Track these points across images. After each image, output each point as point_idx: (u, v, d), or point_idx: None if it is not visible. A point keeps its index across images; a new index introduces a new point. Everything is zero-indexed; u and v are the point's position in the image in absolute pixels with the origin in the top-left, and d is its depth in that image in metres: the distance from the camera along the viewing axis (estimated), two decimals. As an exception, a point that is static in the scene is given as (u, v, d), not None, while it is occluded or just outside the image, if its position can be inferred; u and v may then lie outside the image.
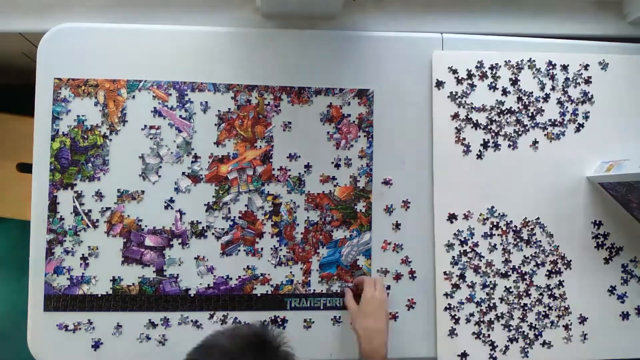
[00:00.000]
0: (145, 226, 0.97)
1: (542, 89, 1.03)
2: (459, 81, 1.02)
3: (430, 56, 1.02)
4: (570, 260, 1.02)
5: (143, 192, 0.98)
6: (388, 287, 1.01)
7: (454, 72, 1.02)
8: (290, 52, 1.01)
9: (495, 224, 1.02)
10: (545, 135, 1.03)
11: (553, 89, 1.03)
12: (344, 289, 0.99)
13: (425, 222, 1.02)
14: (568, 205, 1.03)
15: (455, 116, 1.02)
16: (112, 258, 0.97)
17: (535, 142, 1.03)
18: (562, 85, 1.03)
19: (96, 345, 0.96)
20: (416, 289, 1.02)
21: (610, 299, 1.03)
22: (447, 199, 1.01)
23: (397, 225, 1.01)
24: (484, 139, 1.02)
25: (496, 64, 1.02)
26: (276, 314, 0.99)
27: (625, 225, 1.03)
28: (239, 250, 0.99)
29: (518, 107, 1.03)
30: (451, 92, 1.02)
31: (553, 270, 1.02)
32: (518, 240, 1.02)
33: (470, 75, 1.02)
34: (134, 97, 0.98)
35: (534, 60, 1.03)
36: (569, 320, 1.02)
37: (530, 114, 1.03)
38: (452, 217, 1.01)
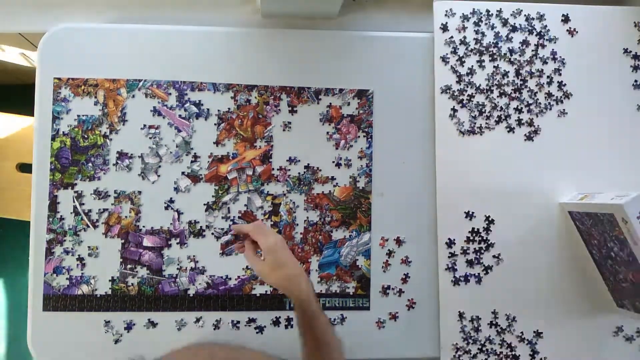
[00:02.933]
0: (143, 227, 0.97)
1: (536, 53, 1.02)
2: (460, 30, 1.01)
3: (431, 56, 1.02)
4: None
5: (140, 192, 0.98)
6: (387, 292, 1.01)
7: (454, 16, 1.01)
8: (290, 52, 1.01)
9: (492, 219, 1.01)
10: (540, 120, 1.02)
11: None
12: (234, 245, 0.95)
13: (425, 222, 1.02)
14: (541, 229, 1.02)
15: (455, 110, 1.01)
16: (111, 258, 0.97)
17: (536, 132, 1.02)
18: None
19: (96, 345, 0.96)
20: (416, 288, 1.01)
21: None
22: (450, 200, 1.01)
23: (396, 226, 1.01)
24: (483, 123, 1.01)
25: (498, 11, 1.02)
26: (276, 314, 0.98)
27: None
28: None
29: (519, 85, 1.02)
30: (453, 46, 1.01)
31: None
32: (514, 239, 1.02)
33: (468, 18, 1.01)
34: (133, 96, 0.98)
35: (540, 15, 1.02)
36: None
37: (533, 98, 1.02)
38: (455, 217, 1.01)
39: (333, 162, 1.01)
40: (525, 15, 1.02)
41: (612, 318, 1.01)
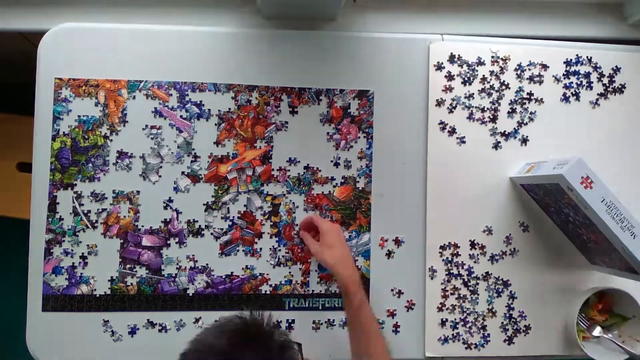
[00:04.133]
0: (142, 226, 0.97)
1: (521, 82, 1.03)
2: (453, 77, 1.02)
3: (430, 56, 1.02)
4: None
5: (139, 192, 0.98)
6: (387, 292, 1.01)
7: (451, 59, 1.02)
8: (291, 53, 1.01)
9: (489, 227, 1.02)
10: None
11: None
12: (299, 233, 0.99)
13: (425, 222, 1.02)
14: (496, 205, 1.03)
15: (450, 111, 1.02)
16: (110, 258, 0.97)
17: (525, 140, 1.03)
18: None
19: (95, 345, 0.96)
20: (416, 289, 1.01)
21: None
22: (440, 200, 1.02)
23: (396, 226, 1.01)
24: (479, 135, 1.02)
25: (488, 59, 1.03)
26: (276, 314, 0.98)
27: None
28: (238, 251, 0.99)
29: (511, 101, 1.03)
30: (446, 85, 1.02)
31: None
32: (505, 241, 1.03)
33: (466, 66, 1.03)
34: (134, 97, 0.98)
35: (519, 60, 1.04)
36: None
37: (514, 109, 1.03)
38: (443, 217, 1.02)
39: (332, 161, 1.01)
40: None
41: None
